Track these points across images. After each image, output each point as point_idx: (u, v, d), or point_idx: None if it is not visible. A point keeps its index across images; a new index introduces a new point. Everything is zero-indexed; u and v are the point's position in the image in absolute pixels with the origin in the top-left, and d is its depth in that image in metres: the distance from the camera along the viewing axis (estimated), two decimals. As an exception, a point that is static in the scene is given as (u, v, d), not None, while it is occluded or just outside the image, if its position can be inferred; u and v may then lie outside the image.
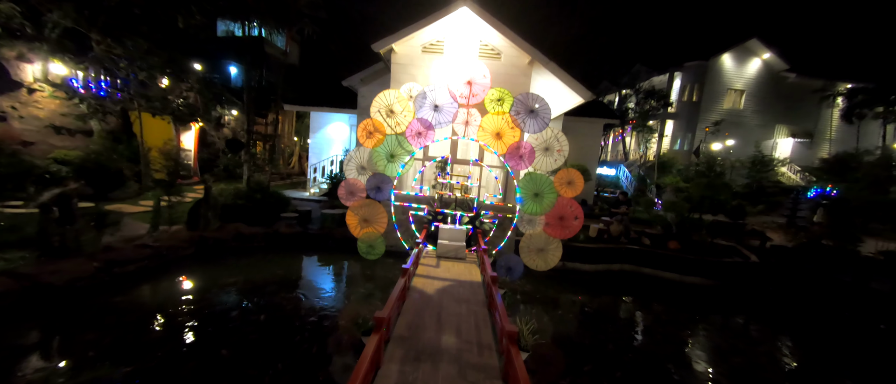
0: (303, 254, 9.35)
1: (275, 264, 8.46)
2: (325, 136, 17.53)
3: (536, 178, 7.02)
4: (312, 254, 9.51)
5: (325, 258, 9.50)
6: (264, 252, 9.07)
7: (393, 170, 7.51)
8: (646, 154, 27.53)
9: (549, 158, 7.16)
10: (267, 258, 8.80)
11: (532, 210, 7.12)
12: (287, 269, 8.30)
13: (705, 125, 27.77)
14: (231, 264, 8.09)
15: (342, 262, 9.16)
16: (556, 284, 8.68)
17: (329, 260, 9.43)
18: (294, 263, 8.79)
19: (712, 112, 27.91)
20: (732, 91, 27.83)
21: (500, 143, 7.28)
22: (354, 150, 7.41)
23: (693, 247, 9.58)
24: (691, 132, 28.90)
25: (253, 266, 8.13)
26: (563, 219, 7.13)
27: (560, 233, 7.22)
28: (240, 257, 8.53)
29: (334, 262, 9.25)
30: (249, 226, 9.47)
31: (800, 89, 27.01)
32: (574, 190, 7.10)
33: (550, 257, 7.31)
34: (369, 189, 7.47)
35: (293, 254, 9.20)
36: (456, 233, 7.36)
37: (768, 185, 19.58)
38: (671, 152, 28.16)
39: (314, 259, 9.30)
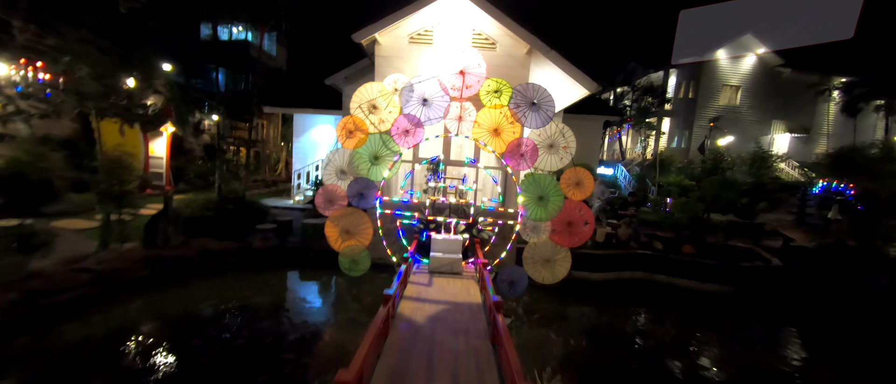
0: (279, 271, 8.39)
1: (245, 285, 7.50)
2: (310, 139, 16.57)
3: (540, 179, 6.22)
4: (291, 270, 8.57)
5: (305, 275, 8.57)
6: (235, 270, 8.10)
7: (377, 173, 6.66)
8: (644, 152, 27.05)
9: (553, 157, 6.38)
10: (237, 277, 7.83)
11: (536, 215, 6.30)
12: (257, 291, 7.35)
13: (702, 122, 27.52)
14: (192, 286, 7.11)
15: (324, 279, 8.24)
16: (562, 296, 7.89)
17: (309, 277, 8.50)
18: (267, 283, 7.83)
19: (708, 109, 27.66)
20: (728, 87, 27.63)
21: (498, 141, 6.48)
22: (333, 152, 6.53)
23: (709, 250, 8.88)
24: (688, 129, 28.61)
25: (218, 288, 7.17)
26: (571, 224, 6.33)
27: (568, 241, 6.42)
28: (206, 277, 7.55)
29: (315, 280, 8.33)
30: (218, 241, 8.49)
31: (795, 84, 26.91)
32: (583, 192, 6.32)
33: (558, 268, 6.49)
34: (351, 196, 6.60)
35: (268, 272, 8.25)
36: (451, 243, 6.51)
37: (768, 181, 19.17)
38: (668, 150, 27.80)
39: (292, 276, 8.35)
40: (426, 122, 6.52)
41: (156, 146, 15.33)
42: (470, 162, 8.26)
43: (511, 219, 7.79)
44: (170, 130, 15.31)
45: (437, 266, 6.26)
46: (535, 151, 6.35)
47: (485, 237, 7.19)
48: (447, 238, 6.61)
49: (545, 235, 6.50)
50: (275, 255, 8.79)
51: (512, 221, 7.29)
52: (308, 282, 8.25)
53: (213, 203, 9.45)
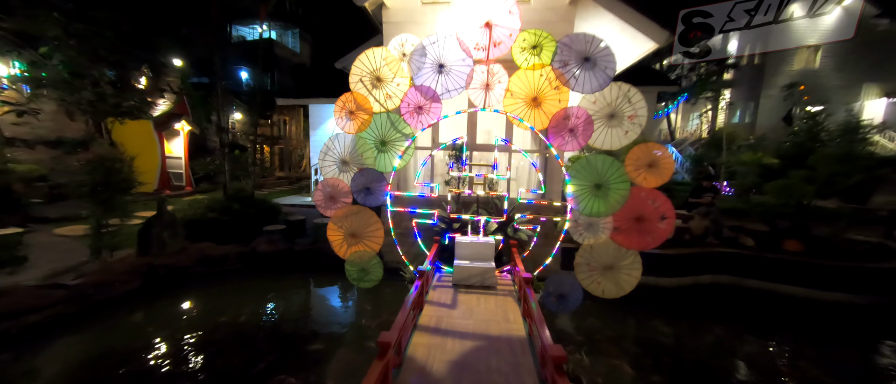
0: (286, 279, 7.52)
1: (245, 296, 6.68)
2: (327, 131, 15.77)
3: (597, 162, 4.75)
4: (299, 277, 7.68)
5: (314, 282, 7.63)
6: (238, 278, 7.33)
7: (386, 163, 5.47)
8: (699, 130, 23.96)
9: (615, 131, 4.85)
10: (240, 286, 7.04)
11: (592, 209, 4.85)
12: (257, 303, 6.47)
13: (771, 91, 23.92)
14: (184, 299, 6.34)
15: (335, 289, 7.24)
16: (623, 310, 6.34)
17: (319, 285, 7.55)
18: (269, 293, 6.93)
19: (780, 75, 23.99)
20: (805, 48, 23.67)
21: (538, 113, 5.05)
22: (332, 139, 5.39)
23: (821, 247, 6.88)
24: (754, 101, 25.05)
25: (213, 300, 6.37)
26: (642, 220, 4.81)
27: (638, 242, 4.91)
28: (204, 287, 6.82)
29: (324, 289, 7.35)
30: (220, 246, 7.76)
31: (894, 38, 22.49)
32: (659, 175, 4.77)
33: (624, 278, 5.02)
34: (356, 192, 5.47)
35: (274, 279, 7.40)
36: (480, 247, 5.19)
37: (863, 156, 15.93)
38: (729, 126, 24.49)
39: (299, 285, 7.44)
40: (444, 94, 5.20)
41: (173, 146, 15.24)
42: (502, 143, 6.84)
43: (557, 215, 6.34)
44: (187, 129, 15.14)
45: (462, 277, 4.98)
46: (589, 124, 4.84)
47: (523, 238, 5.80)
48: (475, 241, 5.30)
49: (605, 235, 5.02)
50: (282, 260, 7.94)
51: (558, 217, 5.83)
52: (316, 292, 7.30)
53: (217, 203, 8.77)
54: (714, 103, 24.13)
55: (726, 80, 25.16)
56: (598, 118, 4.87)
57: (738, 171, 12.74)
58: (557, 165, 7.11)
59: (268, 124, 29.60)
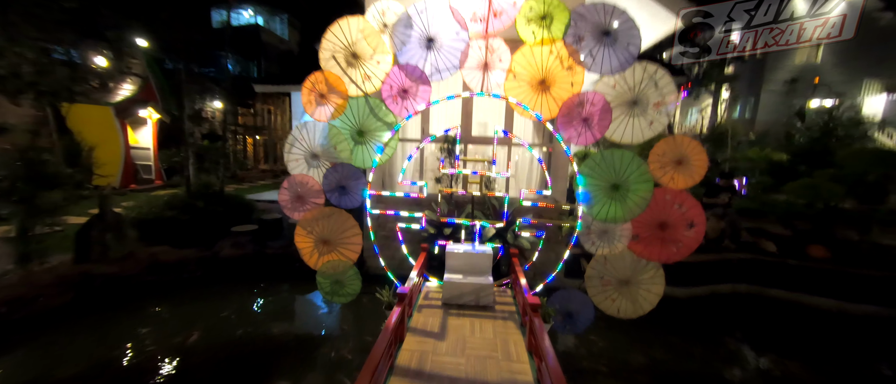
0: (253, 289, 6.65)
1: (199, 311, 5.79)
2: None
3: (615, 158, 4.04)
4: (269, 287, 6.81)
5: (286, 293, 6.79)
6: (196, 288, 6.44)
7: (365, 157, 4.68)
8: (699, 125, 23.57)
9: (638, 120, 4.12)
10: (196, 299, 6.16)
11: (608, 213, 4.15)
12: (209, 322, 5.52)
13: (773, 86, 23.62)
14: (119, 317, 5.39)
15: (310, 301, 6.41)
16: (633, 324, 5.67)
17: (292, 295, 6.70)
18: (224, 311, 5.98)
19: (781, 70, 23.67)
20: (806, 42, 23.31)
21: (546, 99, 4.29)
22: (299, 128, 4.56)
23: (849, 253, 6.31)
24: (754, 96, 24.73)
25: (154, 318, 5.44)
26: (666, 227, 4.13)
27: (660, 254, 4.24)
28: (152, 300, 5.89)
29: (298, 301, 6.50)
30: (177, 250, 6.85)
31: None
32: (689, 174, 4.07)
33: (643, 295, 4.34)
34: (328, 191, 4.67)
35: (239, 290, 6.53)
36: (475, 258, 4.44)
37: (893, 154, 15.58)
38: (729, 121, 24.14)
39: (268, 296, 6.56)
40: (434, 75, 4.39)
41: (141, 135, 14.09)
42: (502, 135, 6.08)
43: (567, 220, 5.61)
44: (155, 117, 14.00)
45: (454, 296, 4.20)
46: (606, 112, 4.10)
47: (525, 246, 5.05)
48: (469, 250, 4.53)
49: (622, 244, 4.32)
50: (250, 266, 7.06)
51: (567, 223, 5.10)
52: (287, 305, 6.44)
53: (178, 201, 7.84)
54: (715, 97, 23.74)
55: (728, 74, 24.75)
56: (618, 105, 4.12)
57: (741, 168, 12.22)
58: (564, 161, 6.36)
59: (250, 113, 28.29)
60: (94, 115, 11.75)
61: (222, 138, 9.86)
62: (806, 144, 9.91)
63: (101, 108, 11.95)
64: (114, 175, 12.44)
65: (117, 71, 12.13)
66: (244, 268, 6.95)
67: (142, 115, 13.36)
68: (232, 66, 28.98)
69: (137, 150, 13.67)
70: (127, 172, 12.91)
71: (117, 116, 12.34)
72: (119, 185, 12.58)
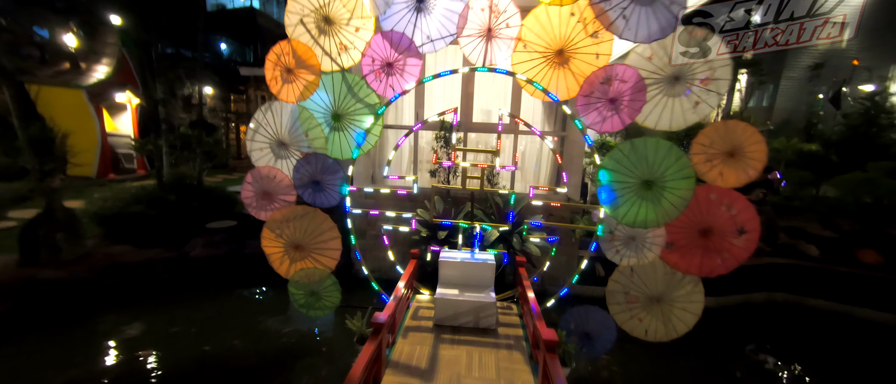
0: (224, 295, 5.96)
1: (153, 324, 5.12)
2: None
3: (649, 147, 3.30)
4: (245, 293, 6.12)
5: (262, 299, 6.12)
6: (161, 294, 5.77)
7: (343, 145, 3.96)
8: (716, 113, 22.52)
9: (680, 102, 3.36)
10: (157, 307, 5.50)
11: (637, 217, 3.45)
12: (158, 339, 4.83)
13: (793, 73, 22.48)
14: (60, 331, 4.69)
15: (283, 315, 5.68)
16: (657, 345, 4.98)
17: (268, 304, 6.02)
18: (190, 321, 5.22)
19: (803, 54, 22.47)
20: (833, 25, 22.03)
21: (564, 74, 3.52)
22: (263, 110, 3.82)
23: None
24: (773, 82, 23.60)
25: (99, 338, 4.76)
26: (709, 234, 3.43)
27: (700, 265, 3.54)
28: (107, 309, 5.23)
29: (271, 314, 5.74)
30: (141, 250, 6.19)
31: (931, 14, 20.97)
32: (742, 169, 3.34)
33: (678, 315, 3.65)
34: (300, 186, 3.96)
35: (209, 296, 5.87)
36: (474, 268, 3.73)
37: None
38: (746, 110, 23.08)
39: (238, 306, 5.84)
40: (426, 46, 3.62)
41: (120, 122, 13.36)
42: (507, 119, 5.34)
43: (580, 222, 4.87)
44: (134, 102, 13.23)
45: (447, 317, 3.45)
46: (639, 92, 3.33)
47: (533, 252, 4.33)
48: (468, 258, 3.81)
49: (653, 253, 3.60)
50: (223, 268, 6.38)
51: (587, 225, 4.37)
52: (260, 314, 5.76)
53: (147, 194, 7.15)
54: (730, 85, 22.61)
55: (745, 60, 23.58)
56: (655, 83, 3.33)
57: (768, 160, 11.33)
58: (577, 152, 5.57)
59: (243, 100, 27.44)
60: (66, 100, 11.02)
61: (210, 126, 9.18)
62: (843, 133, 9.05)
63: (72, 92, 11.21)
64: (90, 164, 11.77)
65: (90, 51, 11.34)
66: (217, 271, 6.29)
67: (120, 99, 12.62)
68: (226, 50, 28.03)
69: (117, 138, 12.97)
70: (104, 161, 12.23)
71: (91, 101, 11.61)
72: (97, 175, 11.92)
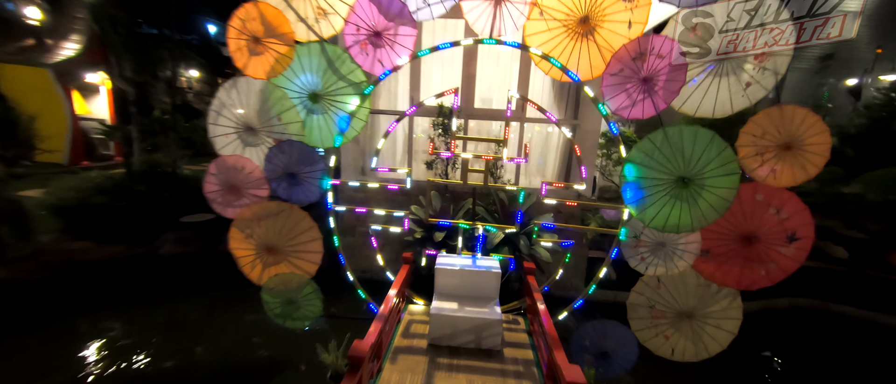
0: (199, 298, 5.40)
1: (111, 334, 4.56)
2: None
3: (686, 138, 2.81)
4: (216, 297, 5.47)
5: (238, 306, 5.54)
6: (123, 296, 5.20)
7: (323, 131, 3.40)
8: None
9: (728, 83, 2.82)
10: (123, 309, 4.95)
11: (668, 220, 2.97)
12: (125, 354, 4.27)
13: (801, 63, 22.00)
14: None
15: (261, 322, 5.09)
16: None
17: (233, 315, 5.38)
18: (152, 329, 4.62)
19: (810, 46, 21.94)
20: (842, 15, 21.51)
21: (587, 48, 2.95)
22: (226, 89, 3.23)
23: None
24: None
25: (45, 344, 4.19)
26: (753, 241, 2.96)
27: (740, 277, 3.10)
28: (63, 313, 4.64)
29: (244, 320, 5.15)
30: (105, 246, 5.61)
31: (946, 4, 20.46)
32: (800, 166, 2.84)
33: (710, 333, 3.21)
34: (273, 178, 3.40)
35: (178, 299, 5.30)
36: (475, 277, 3.22)
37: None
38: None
39: (203, 314, 5.22)
40: (421, 11, 3.03)
41: (94, 105, 12.57)
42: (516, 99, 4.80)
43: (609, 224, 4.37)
44: (109, 85, 12.42)
45: (444, 336, 2.93)
46: (680, 69, 2.79)
47: (543, 258, 3.83)
48: (468, 265, 3.30)
49: (685, 262, 3.12)
50: (195, 267, 5.80)
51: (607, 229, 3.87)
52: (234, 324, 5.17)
53: (114, 183, 6.53)
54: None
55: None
56: (697, 57, 2.79)
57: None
58: (591, 143, 5.02)
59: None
60: (30, 79, 10.22)
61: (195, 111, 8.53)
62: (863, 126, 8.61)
63: (36, 71, 10.41)
64: (60, 150, 11.04)
65: (56, 26, 10.49)
66: (188, 270, 5.72)
67: (92, 80, 11.82)
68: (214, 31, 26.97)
69: (91, 122, 12.19)
70: (76, 147, 11.50)
71: (59, 81, 10.82)
72: (68, 162, 11.20)
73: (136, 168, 7.39)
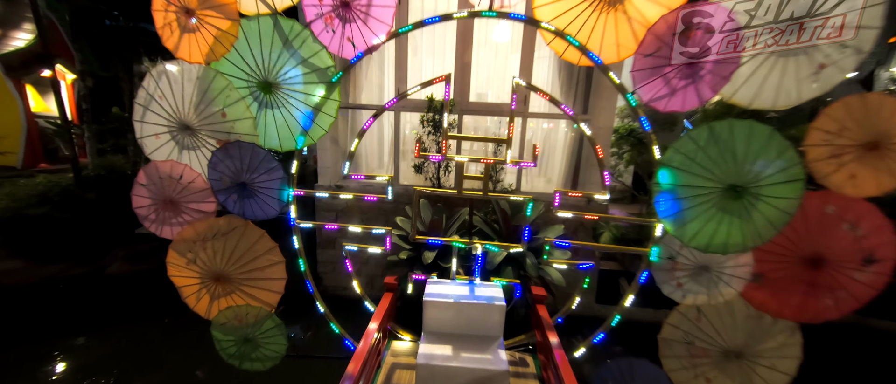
0: (148, 325, 4.69)
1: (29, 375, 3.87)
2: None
3: (737, 135, 2.24)
4: (174, 322, 4.78)
5: (186, 338, 4.85)
6: (60, 323, 4.48)
7: (281, 128, 2.74)
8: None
9: (795, 65, 2.20)
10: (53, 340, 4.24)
11: (714, 238, 2.39)
12: None
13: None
14: None
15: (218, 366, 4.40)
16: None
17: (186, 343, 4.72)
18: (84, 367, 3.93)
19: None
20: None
21: (613, 21, 2.33)
22: (155, 75, 2.54)
23: None
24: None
25: None
26: (821, 263, 2.37)
27: (802, 307, 2.55)
28: None
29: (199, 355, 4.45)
30: (41, 265, 4.87)
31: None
32: (886, 170, 2.24)
33: (763, 376, 2.66)
34: (219, 189, 2.74)
35: (122, 328, 4.58)
36: (473, 310, 2.62)
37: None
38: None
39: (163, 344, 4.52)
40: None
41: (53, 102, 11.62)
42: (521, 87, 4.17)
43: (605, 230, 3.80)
44: (70, 78, 11.52)
45: (435, 377, 2.34)
46: (733, 45, 2.18)
47: (555, 280, 3.23)
48: (464, 295, 2.69)
49: (732, 288, 2.56)
50: (148, 287, 5.05)
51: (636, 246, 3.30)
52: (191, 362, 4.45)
53: (57, 191, 5.77)
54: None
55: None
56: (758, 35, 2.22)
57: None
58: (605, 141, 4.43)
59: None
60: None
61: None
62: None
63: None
64: (13, 152, 10.14)
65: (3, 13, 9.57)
66: (140, 291, 4.99)
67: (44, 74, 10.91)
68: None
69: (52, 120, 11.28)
70: (33, 148, 10.59)
71: (9, 75, 9.91)
72: (22, 165, 10.29)
73: (88, 172, 6.61)
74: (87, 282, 4.99)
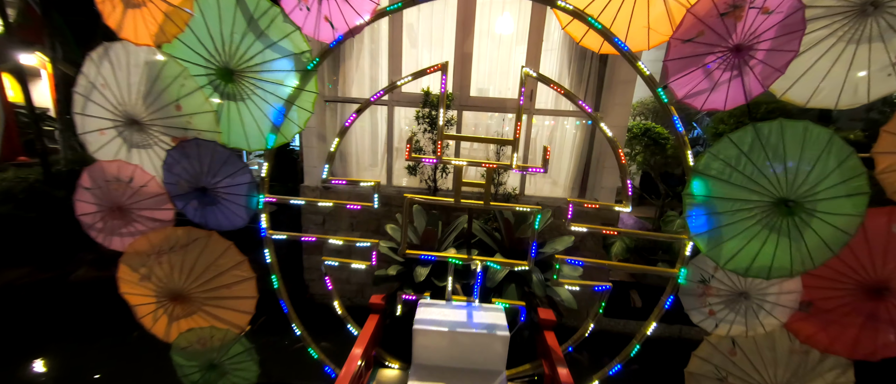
0: (116, 341, 4.30)
1: None
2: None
3: (788, 139, 1.83)
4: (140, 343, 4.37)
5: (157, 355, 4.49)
6: (15, 338, 4.10)
7: (245, 126, 2.33)
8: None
9: (866, 52, 1.79)
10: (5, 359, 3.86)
11: (757, 259, 1.98)
12: None
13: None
14: None
15: None
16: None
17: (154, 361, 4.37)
18: None
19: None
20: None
21: (645, 2, 1.91)
22: (95, 59, 2.12)
23: None
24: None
25: None
26: (886, 293, 1.97)
27: (856, 342, 2.18)
28: None
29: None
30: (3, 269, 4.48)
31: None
32: None
33: (809, 420, 2.24)
34: (176, 194, 2.35)
35: (86, 344, 4.20)
36: (472, 340, 2.25)
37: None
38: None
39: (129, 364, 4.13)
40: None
41: (36, 92, 11.15)
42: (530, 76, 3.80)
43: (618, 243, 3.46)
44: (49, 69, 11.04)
45: None
46: (793, 30, 1.78)
47: (566, 302, 2.87)
48: (460, 325, 2.33)
49: (776, 319, 2.20)
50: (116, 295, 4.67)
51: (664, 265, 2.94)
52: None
53: (23, 189, 5.37)
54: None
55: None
56: (821, 18, 1.84)
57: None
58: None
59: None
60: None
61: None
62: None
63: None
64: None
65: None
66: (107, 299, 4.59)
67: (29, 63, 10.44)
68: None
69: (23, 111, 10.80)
70: (11, 140, 10.15)
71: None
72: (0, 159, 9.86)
73: (59, 167, 6.20)
74: (48, 289, 4.60)
